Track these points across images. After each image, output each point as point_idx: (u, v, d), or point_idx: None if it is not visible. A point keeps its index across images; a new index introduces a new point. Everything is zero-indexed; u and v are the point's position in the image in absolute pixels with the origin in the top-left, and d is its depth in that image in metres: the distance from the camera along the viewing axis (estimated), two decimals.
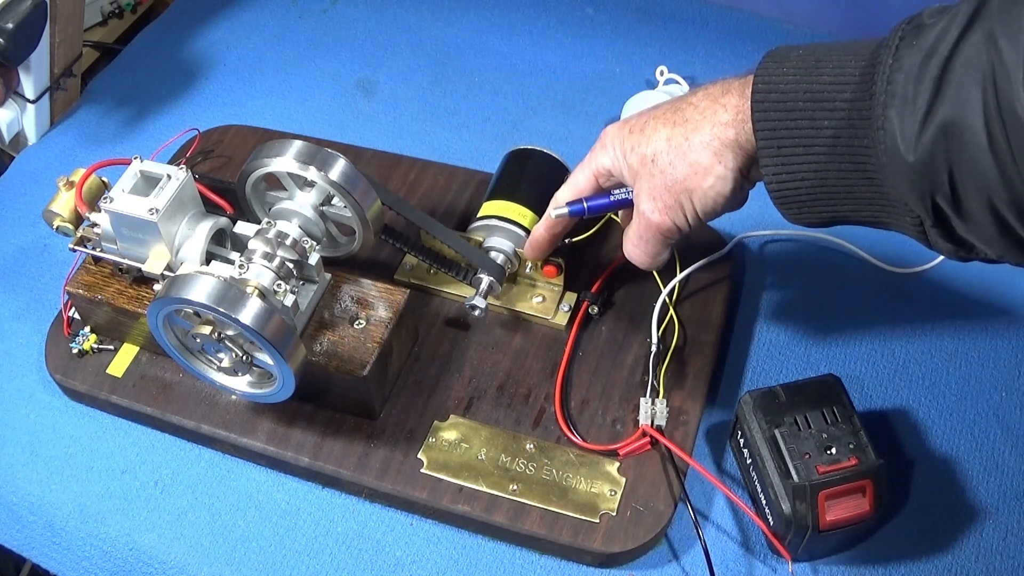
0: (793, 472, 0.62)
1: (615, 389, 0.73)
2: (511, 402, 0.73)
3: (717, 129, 0.59)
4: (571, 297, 0.78)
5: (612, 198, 0.67)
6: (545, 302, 0.78)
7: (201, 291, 0.62)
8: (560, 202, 0.69)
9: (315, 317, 0.71)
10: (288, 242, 0.70)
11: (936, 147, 0.47)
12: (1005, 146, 0.45)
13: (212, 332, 0.64)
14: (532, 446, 0.70)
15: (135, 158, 0.70)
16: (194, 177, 0.71)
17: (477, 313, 0.74)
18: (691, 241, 0.81)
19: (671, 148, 0.61)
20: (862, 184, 0.53)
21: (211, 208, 0.74)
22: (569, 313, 0.77)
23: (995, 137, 0.45)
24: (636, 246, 0.66)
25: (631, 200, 0.65)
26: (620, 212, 0.75)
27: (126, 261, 0.71)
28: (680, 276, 0.77)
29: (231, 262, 0.68)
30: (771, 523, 0.65)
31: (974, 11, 0.48)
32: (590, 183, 0.68)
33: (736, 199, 0.62)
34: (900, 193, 0.51)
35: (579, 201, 0.68)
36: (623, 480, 0.68)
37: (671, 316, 0.76)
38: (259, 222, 0.71)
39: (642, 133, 0.62)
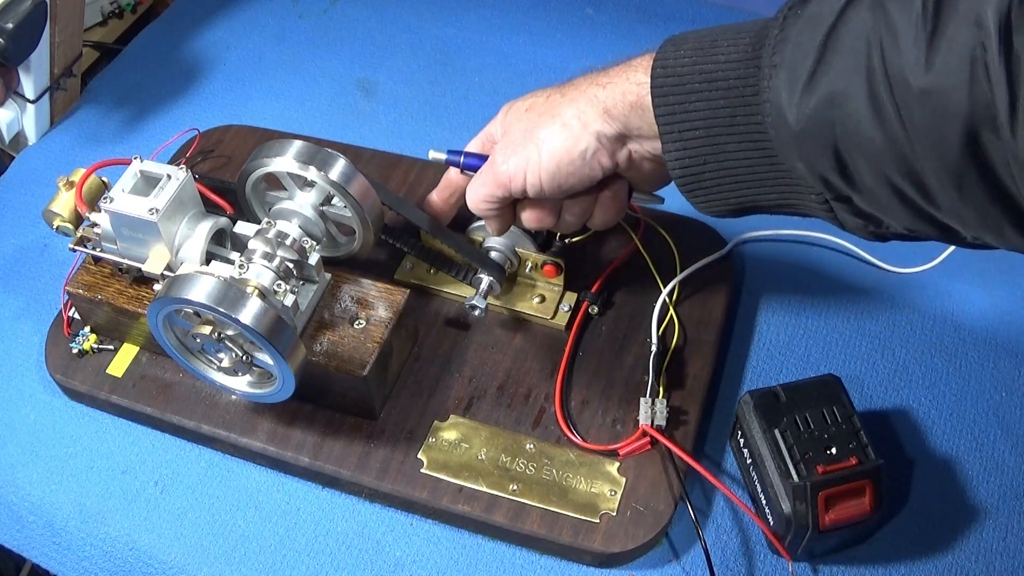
0: (793, 472, 0.62)
1: (615, 389, 0.73)
2: (511, 402, 0.73)
3: (592, 90, 0.58)
4: (571, 297, 0.78)
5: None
6: (545, 302, 0.78)
7: (201, 291, 0.62)
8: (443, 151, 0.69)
9: (315, 317, 0.71)
10: (288, 242, 0.70)
11: (821, 117, 0.46)
12: (894, 114, 0.44)
13: (212, 332, 0.64)
14: (532, 446, 0.70)
15: (135, 158, 0.70)
16: (194, 177, 0.71)
17: (477, 313, 0.74)
18: (691, 241, 0.81)
19: (546, 102, 0.61)
20: (763, 164, 0.52)
21: (211, 208, 0.74)
22: (569, 313, 0.77)
23: (881, 105, 0.44)
24: (473, 184, 0.65)
25: None
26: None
27: (126, 261, 0.71)
28: (680, 276, 0.77)
29: (231, 262, 0.68)
30: (771, 523, 0.65)
31: None
32: (477, 147, 0.68)
33: (588, 170, 0.59)
34: (793, 167, 0.50)
35: (459, 153, 0.68)
36: (623, 480, 0.68)
37: (671, 316, 0.76)
38: (259, 222, 0.71)
39: (531, 96, 0.63)
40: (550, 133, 0.59)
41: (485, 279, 0.75)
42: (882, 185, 0.47)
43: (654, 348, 0.73)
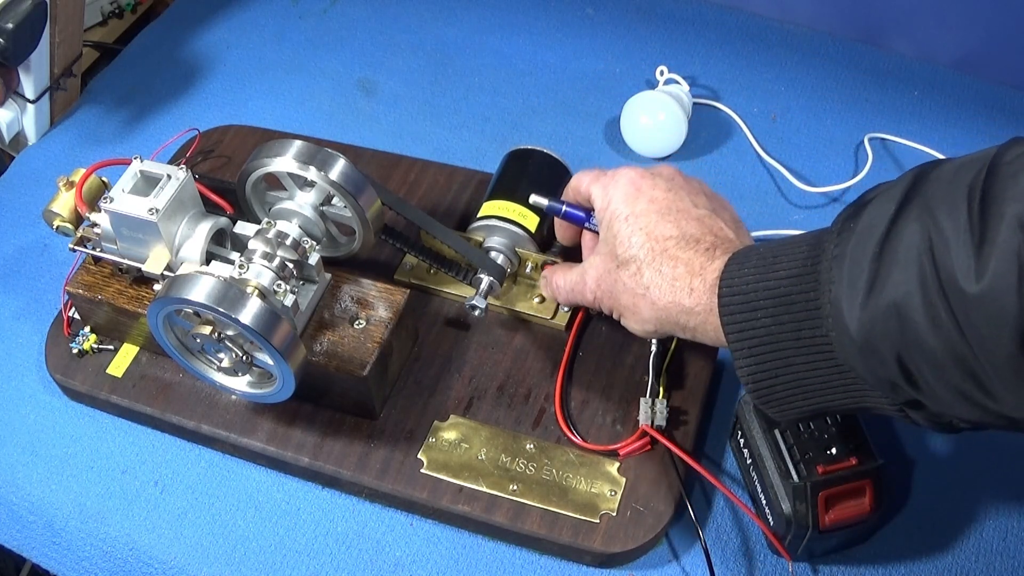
0: (793, 472, 0.62)
1: (615, 389, 0.73)
2: (511, 402, 0.73)
3: (673, 308, 0.60)
4: None
5: (588, 225, 0.70)
6: (545, 302, 0.78)
7: (201, 291, 0.62)
8: (546, 197, 0.72)
9: (315, 317, 0.71)
10: (288, 242, 0.70)
11: (881, 328, 0.47)
12: (950, 321, 0.45)
13: (212, 332, 0.64)
14: (532, 446, 0.70)
15: (135, 158, 0.70)
16: (194, 177, 0.71)
17: (477, 313, 0.74)
18: None
19: (633, 279, 0.62)
20: (832, 373, 0.53)
21: (211, 208, 0.74)
22: (569, 313, 0.77)
23: (937, 313, 0.45)
24: (566, 285, 0.70)
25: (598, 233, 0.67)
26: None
27: (126, 261, 0.71)
28: None
29: (231, 262, 0.68)
30: (771, 523, 0.65)
31: (910, 185, 0.48)
32: (585, 196, 0.68)
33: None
34: (860, 376, 0.51)
35: (562, 203, 0.71)
36: (623, 480, 0.68)
37: None
38: (259, 222, 0.71)
39: (635, 232, 0.62)
40: (632, 319, 0.64)
41: (485, 279, 0.75)
42: (946, 388, 0.48)
43: (654, 348, 0.73)
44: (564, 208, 0.70)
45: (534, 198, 0.72)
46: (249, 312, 0.62)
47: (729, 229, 0.63)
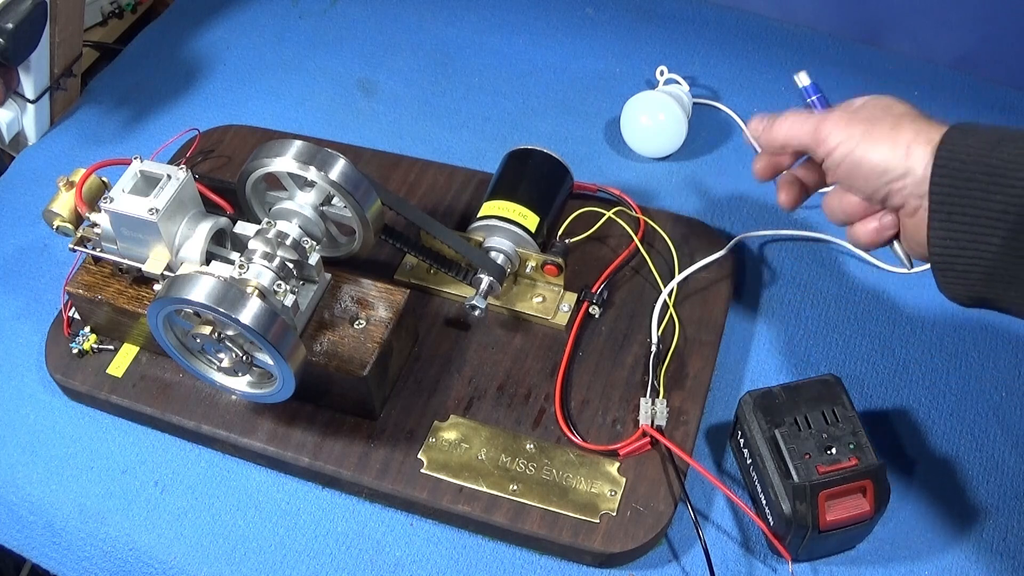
0: (793, 472, 0.62)
1: (615, 389, 0.73)
2: (511, 402, 0.73)
3: (930, 133, 0.58)
4: (571, 297, 0.78)
5: (811, 100, 0.71)
6: (545, 302, 0.78)
7: (201, 291, 0.62)
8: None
9: (315, 317, 0.71)
10: (288, 242, 0.70)
11: None
12: None
13: (212, 332, 0.64)
14: (532, 446, 0.70)
15: (135, 158, 0.70)
16: (194, 177, 0.71)
17: (477, 313, 0.74)
18: (691, 241, 0.81)
19: (886, 110, 0.60)
20: (1021, 265, 0.53)
21: (211, 208, 0.74)
22: (569, 313, 0.77)
23: None
24: (792, 118, 0.63)
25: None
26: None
27: (126, 261, 0.71)
28: (680, 276, 0.77)
29: (231, 262, 0.68)
30: (771, 523, 0.65)
31: None
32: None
33: (875, 187, 0.60)
34: None
35: (818, 89, 0.69)
36: (623, 480, 0.68)
37: (671, 316, 0.76)
38: (259, 222, 0.71)
39: (877, 102, 0.61)
40: (879, 137, 0.59)
41: (485, 279, 0.75)
42: None
43: (654, 348, 0.73)
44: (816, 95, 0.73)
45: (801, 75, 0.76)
46: (249, 312, 0.62)
47: None
